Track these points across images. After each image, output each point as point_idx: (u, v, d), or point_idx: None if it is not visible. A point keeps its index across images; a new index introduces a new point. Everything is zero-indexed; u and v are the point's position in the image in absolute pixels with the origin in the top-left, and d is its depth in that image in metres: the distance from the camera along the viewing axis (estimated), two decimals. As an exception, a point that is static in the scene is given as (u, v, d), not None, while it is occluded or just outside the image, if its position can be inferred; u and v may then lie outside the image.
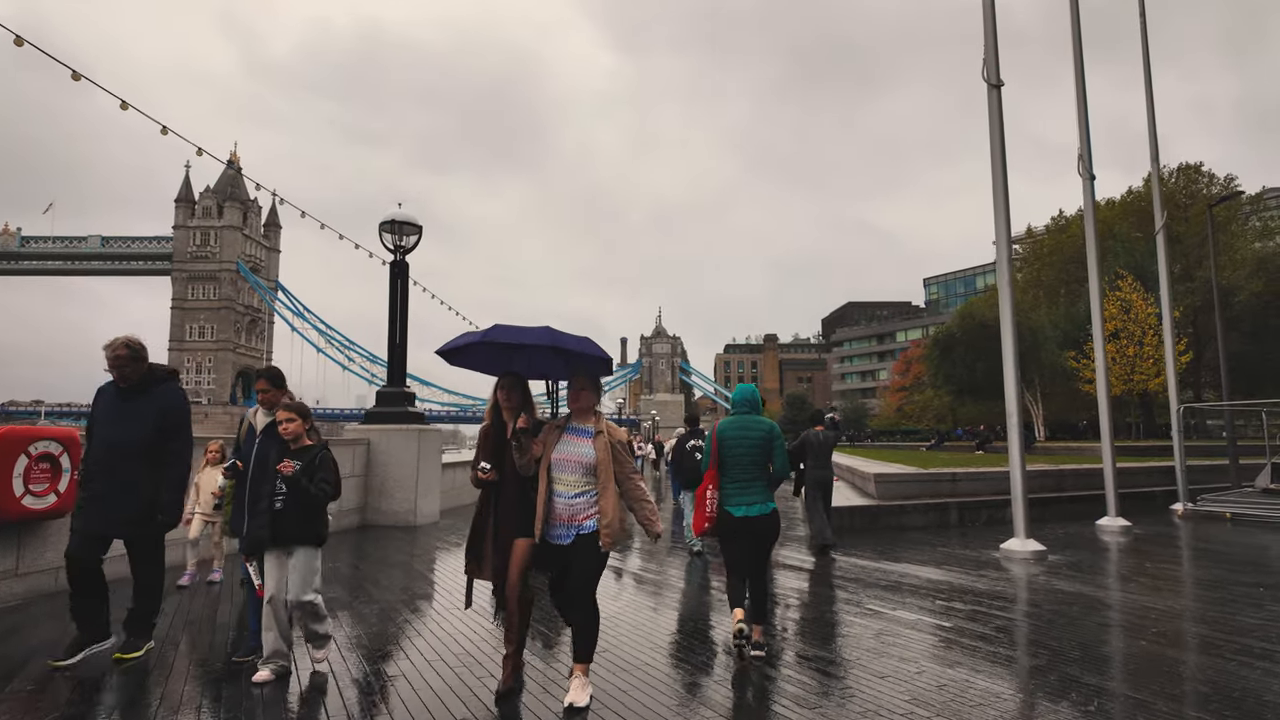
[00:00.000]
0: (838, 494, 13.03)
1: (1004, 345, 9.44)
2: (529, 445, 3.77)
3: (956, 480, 12.76)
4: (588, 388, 3.96)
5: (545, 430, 3.92)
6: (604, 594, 6.02)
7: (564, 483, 3.79)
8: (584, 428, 3.92)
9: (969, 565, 8.00)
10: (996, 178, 9.50)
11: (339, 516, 10.67)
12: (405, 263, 12.54)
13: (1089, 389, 35.02)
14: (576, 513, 3.76)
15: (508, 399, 3.91)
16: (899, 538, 10.29)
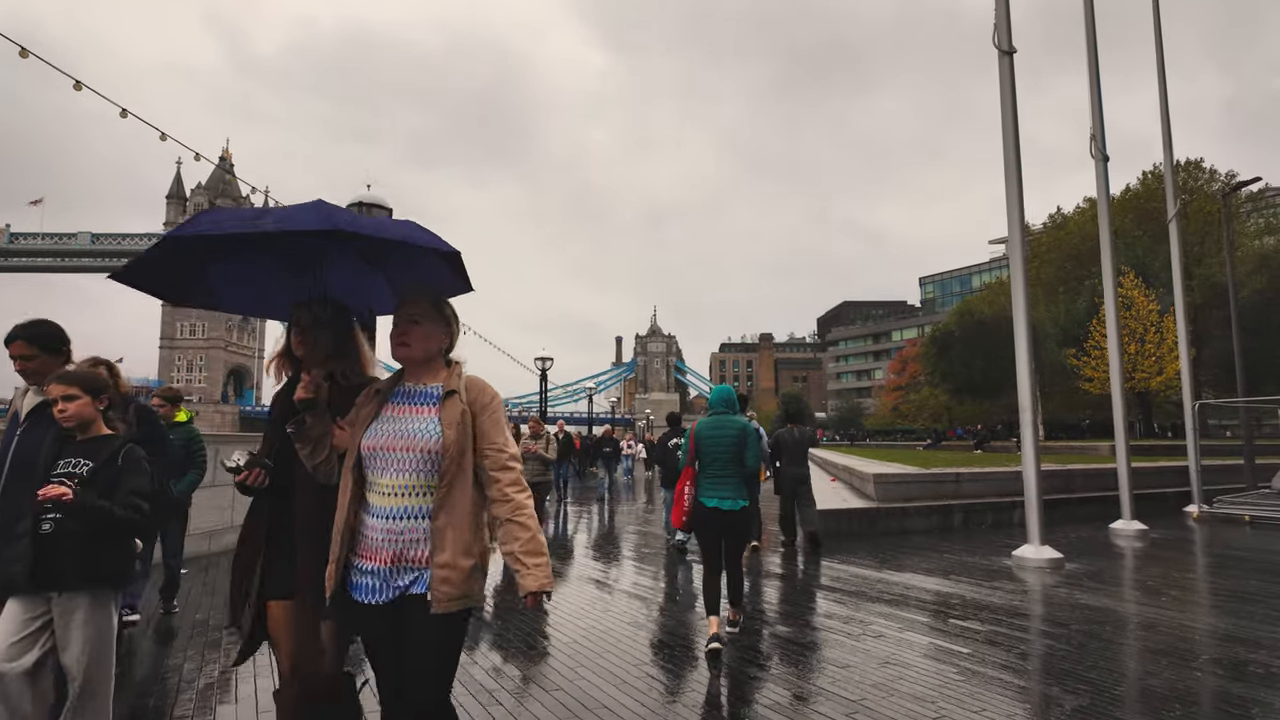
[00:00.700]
0: (835, 495, 12.32)
1: (1017, 334, 8.69)
2: (320, 427, 2.16)
3: (960, 481, 12.02)
4: (428, 316, 2.16)
5: (360, 399, 2.17)
6: (582, 603, 5.39)
7: (382, 490, 2.02)
8: (424, 389, 2.14)
9: (980, 575, 7.24)
10: (1008, 149, 8.75)
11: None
12: (373, 248, 11.74)
13: (1089, 387, 34.40)
14: (405, 547, 1.98)
15: (311, 349, 2.30)
16: (901, 542, 9.54)
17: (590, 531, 11.08)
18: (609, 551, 9.13)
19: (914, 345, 77.41)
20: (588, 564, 8.12)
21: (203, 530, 7.98)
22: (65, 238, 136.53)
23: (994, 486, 12.33)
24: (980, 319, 37.19)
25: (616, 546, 9.56)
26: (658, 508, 13.35)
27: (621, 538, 10.24)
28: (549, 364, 27.67)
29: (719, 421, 5.01)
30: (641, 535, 10.43)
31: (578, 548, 9.28)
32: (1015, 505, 11.74)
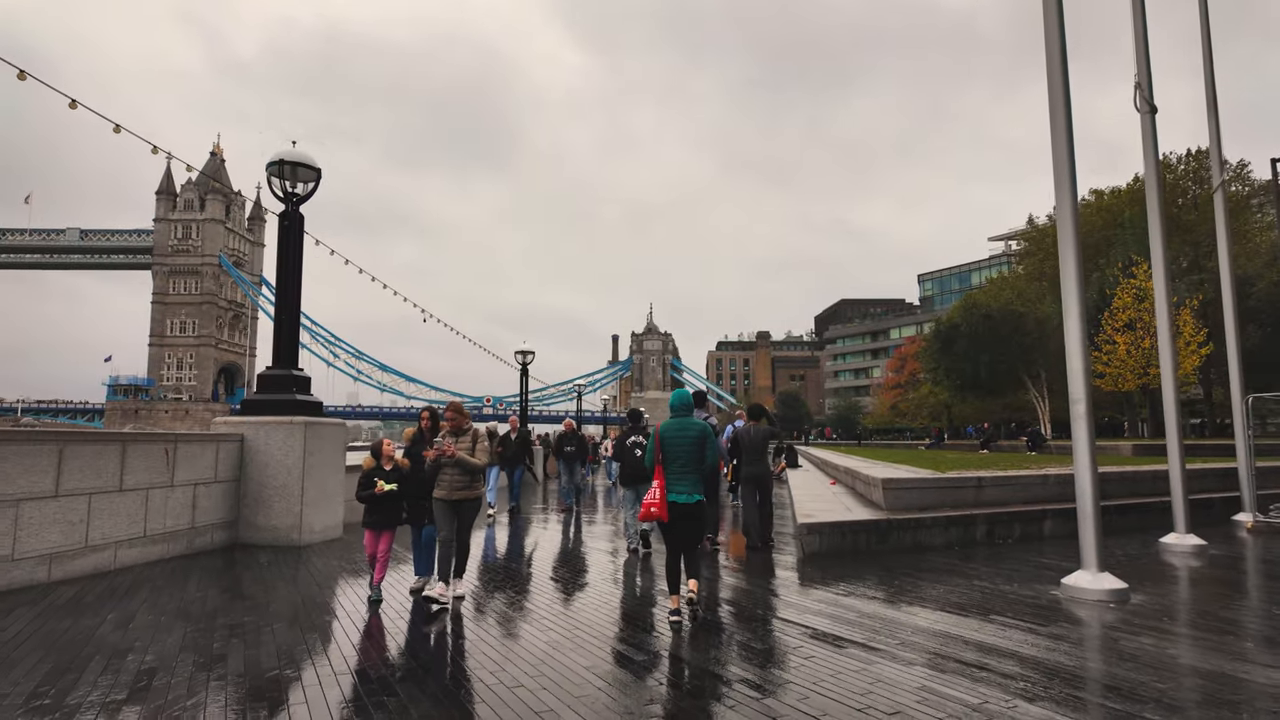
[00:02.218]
0: (835, 501, 10.72)
1: (1066, 313, 7.04)
2: None
3: (981, 486, 10.38)
4: None
5: None
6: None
7: None
8: None
9: (1027, 613, 5.61)
10: (1054, 82, 7.09)
11: (198, 533, 8.22)
12: (299, 214, 10.07)
13: (1100, 384, 32.80)
14: None
15: None
16: (916, 563, 7.91)
17: (535, 555, 8.87)
18: (562, 583, 7.49)
19: (913, 343, 75.87)
20: (535, 604, 6.48)
21: (37, 553, 6.29)
22: (53, 234, 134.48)
23: (1019, 493, 10.70)
24: (986, 312, 35.55)
25: (573, 576, 7.92)
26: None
27: (579, 563, 8.60)
28: (530, 358, 26.04)
29: (681, 423, 5.59)
30: (609, 557, 8.80)
31: (515, 582, 7.70)
32: (1045, 515, 10.17)
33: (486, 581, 6.73)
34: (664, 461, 5.45)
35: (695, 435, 5.47)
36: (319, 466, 9.39)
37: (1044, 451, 25.97)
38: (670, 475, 5.41)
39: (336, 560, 7.93)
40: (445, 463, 5.50)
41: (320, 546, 8.89)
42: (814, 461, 24.86)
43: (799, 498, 11.85)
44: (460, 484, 5.56)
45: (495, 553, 8.72)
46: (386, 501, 5.62)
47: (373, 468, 5.69)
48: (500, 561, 8.15)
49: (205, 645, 4.53)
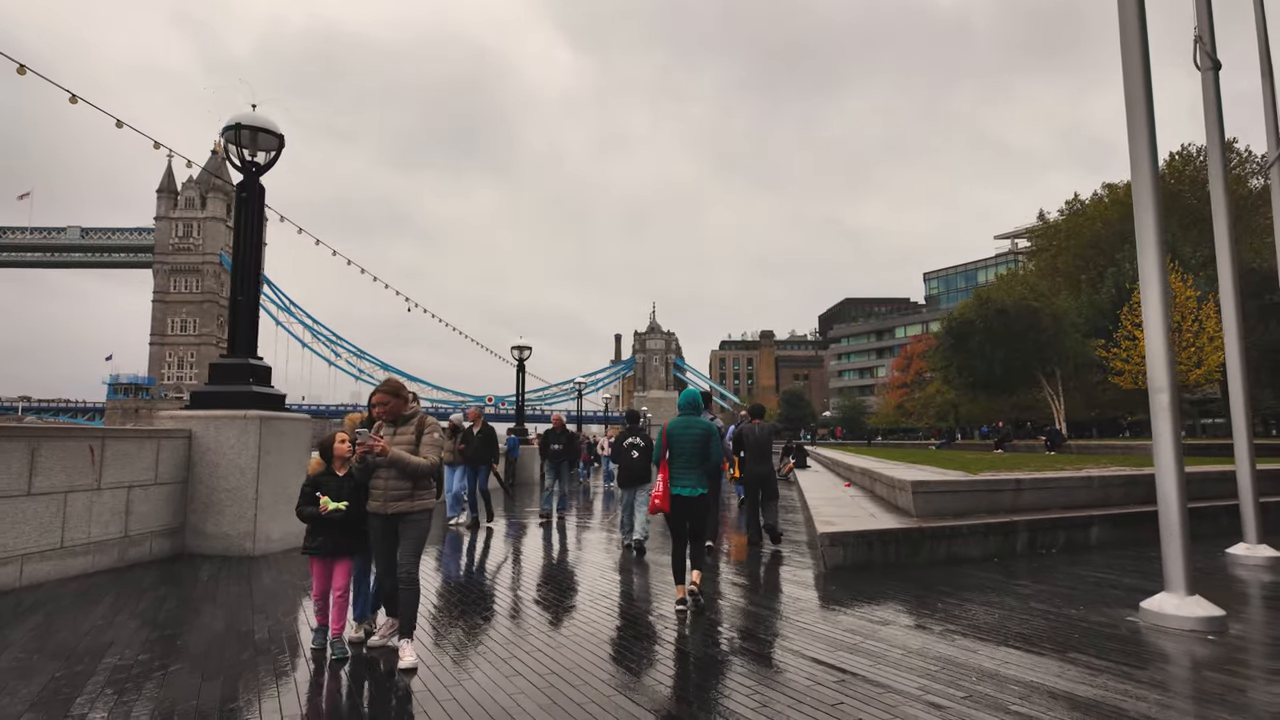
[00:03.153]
0: (855, 506, 9.61)
1: (1144, 272, 5.97)
2: None
3: (1020, 489, 9.30)
4: None
5: None
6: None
7: None
8: None
9: (1112, 650, 4.54)
10: (1127, 18, 6.01)
11: (132, 543, 7.19)
12: (260, 185, 9.04)
13: (1119, 381, 31.64)
14: None
15: None
16: (955, 578, 6.85)
17: (499, 582, 7.06)
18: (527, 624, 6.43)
19: (919, 342, 74.69)
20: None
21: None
22: (53, 232, 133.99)
23: (1060, 497, 9.63)
24: (1001, 307, 34.34)
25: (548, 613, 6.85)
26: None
27: (559, 590, 7.22)
28: (527, 354, 24.96)
29: (687, 422, 5.86)
30: (600, 577, 7.73)
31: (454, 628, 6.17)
32: (1091, 522, 9.09)
33: (442, 624, 5.66)
34: (669, 457, 5.74)
35: (700, 433, 5.79)
36: (277, 466, 8.36)
37: (1063, 451, 24.83)
38: (675, 470, 5.70)
39: (290, 575, 6.88)
40: (378, 464, 4.15)
41: (278, 557, 7.85)
42: (823, 462, 23.78)
43: (814, 501, 10.79)
44: (398, 492, 4.13)
45: (454, 577, 7.16)
46: (337, 523, 4.22)
47: (320, 473, 4.35)
48: (456, 593, 6.66)
49: (59, 704, 3.47)
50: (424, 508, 4.27)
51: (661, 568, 7.48)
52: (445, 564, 7.88)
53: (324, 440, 4.49)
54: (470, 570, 7.68)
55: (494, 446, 11.52)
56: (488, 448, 11.20)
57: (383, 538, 4.24)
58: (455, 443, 10.66)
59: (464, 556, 8.45)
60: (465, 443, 10.82)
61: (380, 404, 4.32)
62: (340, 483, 4.30)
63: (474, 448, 10.88)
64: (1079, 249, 44.77)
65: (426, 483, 4.27)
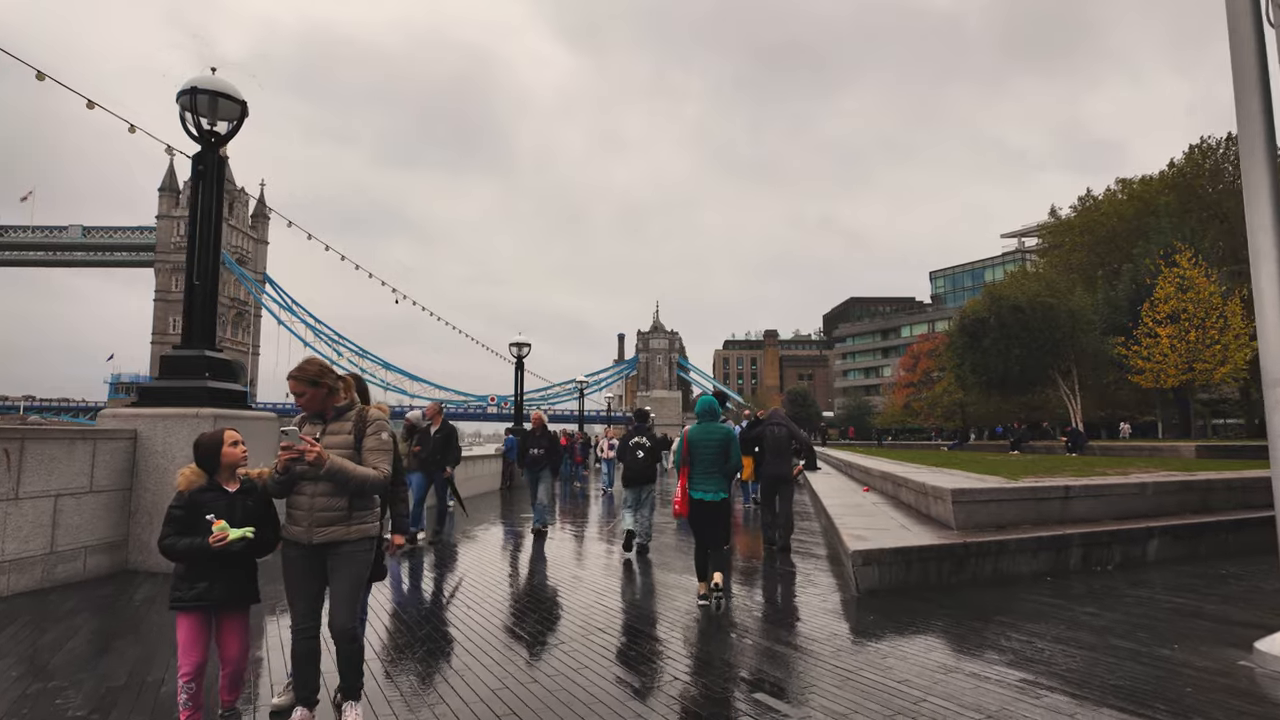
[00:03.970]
0: (883, 517, 8.54)
1: (1256, 244, 4.96)
2: None
3: (1070, 498, 8.30)
4: None
5: None
6: None
7: None
8: None
9: (1235, 711, 3.57)
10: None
11: (61, 559, 6.26)
12: (219, 157, 8.11)
13: (1139, 380, 30.56)
14: None
15: None
16: (1010, 603, 5.89)
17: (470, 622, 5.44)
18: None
19: (926, 340, 73.54)
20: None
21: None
22: (55, 231, 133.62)
23: (1111, 506, 8.62)
24: (1016, 304, 33.24)
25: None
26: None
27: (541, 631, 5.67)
28: (526, 351, 24.03)
29: (707, 428, 6.16)
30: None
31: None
32: (1150, 535, 8.09)
33: (395, 669, 4.59)
34: (691, 462, 5.98)
35: (720, 439, 6.01)
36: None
37: (1085, 453, 23.78)
38: (697, 475, 5.95)
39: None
40: (302, 475, 3.11)
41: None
42: (834, 464, 22.79)
43: (834, 509, 9.82)
44: (330, 513, 3.11)
45: (409, 609, 5.71)
46: (233, 561, 3.08)
47: (198, 488, 3.14)
48: (407, 632, 5.05)
49: None
50: (363, 534, 3.22)
51: (668, 587, 6.53)
52: (396, 594, 6.54)
53: (204, 440, 3.23)
54: (428, 600, 6.37)
55: (453, 449, 9.66)
56: (446, 450, 9.49)
57: (304, 576, 3.18)
58: (411, 445, 9.29)
59: (423, 582, 7.21)
60: (421, 444, 9.38)
61: (297, 395, 3.23)
62: (232, 502, 3.15)
63: (429, 450, 9.29)
64: (1093, 245, 43.65)
65: (367, 502, 3.26)
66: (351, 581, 3.20)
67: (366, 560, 3.29)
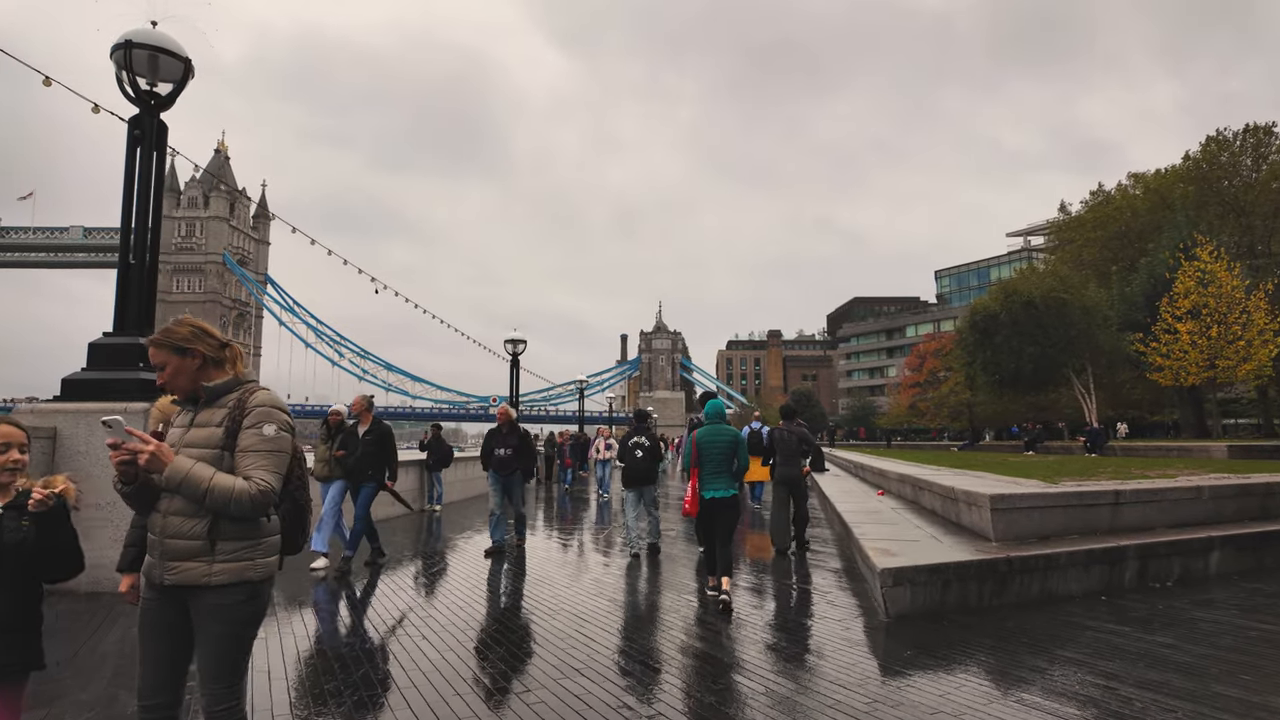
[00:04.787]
0: (908, 526, 7.58)
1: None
2: None
3: (1120, 504, 7.34)
4: None
5: None
6: None
7: None
8: None
9: None
10: None
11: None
12: (160, 123, 7.21)
13: (1158, 377, 29.51)
14: None
15: None
16: (1070, 632, 4.95)
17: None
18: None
19: (933, 340, 72.46)
20: None
21: None
22: (56, 231, 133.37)
23: (1165, 513, 7.66)
24: (1029, 299, 32.18)
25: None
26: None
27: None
28: (522, 348, 23.14)
29: (715, 430, 6.30)
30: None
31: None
32: (1211, 545, 7.13)
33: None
34: (700, 463, 6.16)
35: (728, 440, 6.22)
36: (175, 475, 6.52)
37: (1105, 453, 22.79)
38: (706, 475, 6.13)
39: None
40: (152, 484, 2.23)
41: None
42: (843, 465, 21.82)
43: (851, 517, 8.88)
44: (184, 543, 2.21)
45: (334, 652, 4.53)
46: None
47: None
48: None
49: None
50: (235, 576, 2.24)
51: (664, 612, 5.61)
52: (328, 624, 5.49)
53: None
54: (372, 633, 5.15)
55: (390, 456, 7.87)
56: (381, 457, 7.73)
57: (154, 631, 2.27)
58: (331, 447, 7.64)
59: (371, 609, 5.93)
60: (345, 448, 7.55)
61: (158, 369, 2.34)
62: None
63: (355, 455, 7.53)
64: (1105, 241, 42.51)
65: (243, 528, 2.27)
66: (220, 646, 2.24)
67: (245, 616, 2.30)
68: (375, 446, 7.70)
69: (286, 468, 2.39)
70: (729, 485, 6.12)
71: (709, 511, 6.11)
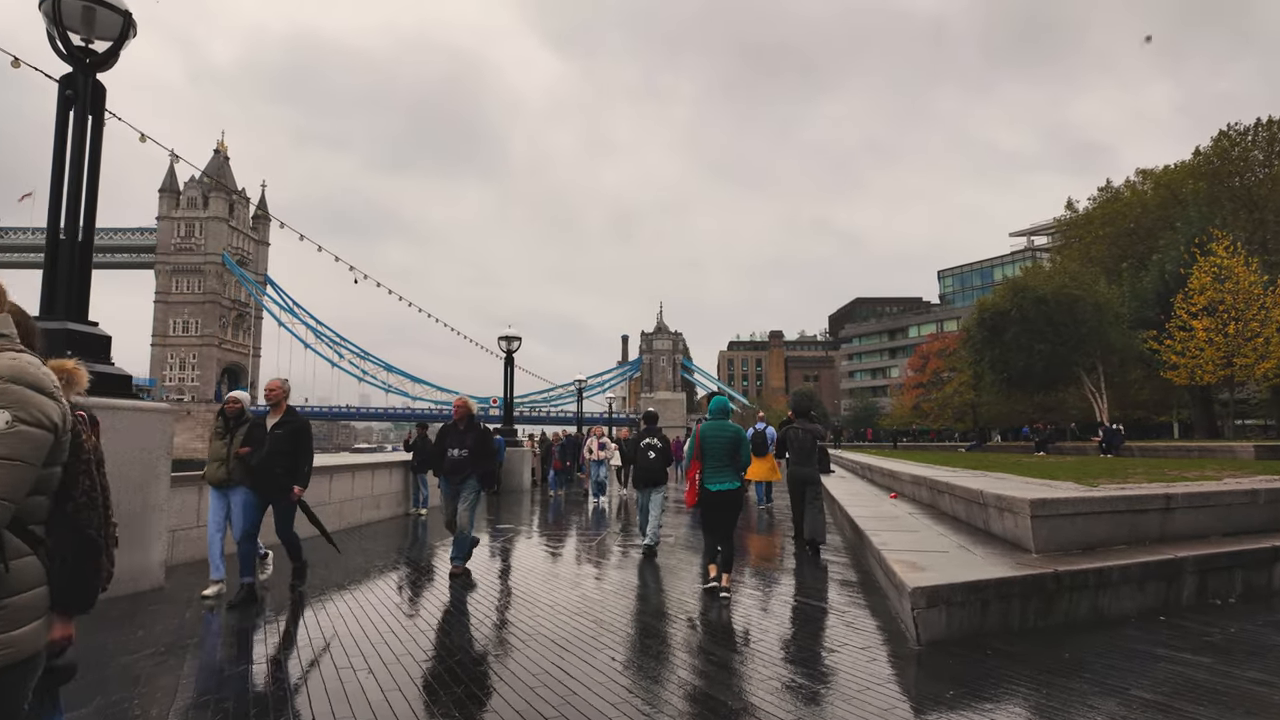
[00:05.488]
0: (932, 536, 6.78)
1: None
2: None
3: (1171, 510, 6.55)
4: None
5: None
6: None
7: None
8: None
9: None
10: None
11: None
12: (97, 84, 6.46)
13: (1173, 376, 28.68)
14: None
15: None
16: (1139, 665, 4.17)
17: None
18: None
19: (935, 340, 71.64)
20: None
21: None
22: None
23: (1219, 519, 6.87)
24: (1040, 296, 31.32)
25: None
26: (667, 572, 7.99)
27: None
28: (516, 345, 22.41)
29: (718, 426, 6.42)
30: None
31: None
32: (1277, 557, 6.36)
33: None
34: (703, 457, 6.33)
35: (731, 436, 6.37)
36: (112, 477, 5.75)
37: (1121, 454, 21.98)
38: (709, 469, 6.31)
39: (111, 638, 4.32)
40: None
41: (102, 607, 5.25)
42: (849, 466, 21.02)
43: (864, 520, 8.10)
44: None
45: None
46: None
47: None
48: None
49: None
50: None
51: (658, 641, 4.83)
52: (232, 665, 4.33)
53: None
54: (288, 676, 4.12)
55: (303, 455, 6.14)
56: (294, 456, 6.06)
57: None
58: (229, 444, 6.10)
59: (300, 641, 4.82)
60: (251, 445, 5.99)
61: None
62: None
63: (264, 454, 5.94)
64: (1114, 237, 41.70)
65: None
66: None
67: (21, 676, 1.57)
68: (286, 443, 6.02)
69: (32, 480, 1.58)
70: (732, 479, 6.25)
71: (711, 504, 6.25)
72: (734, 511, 6.30)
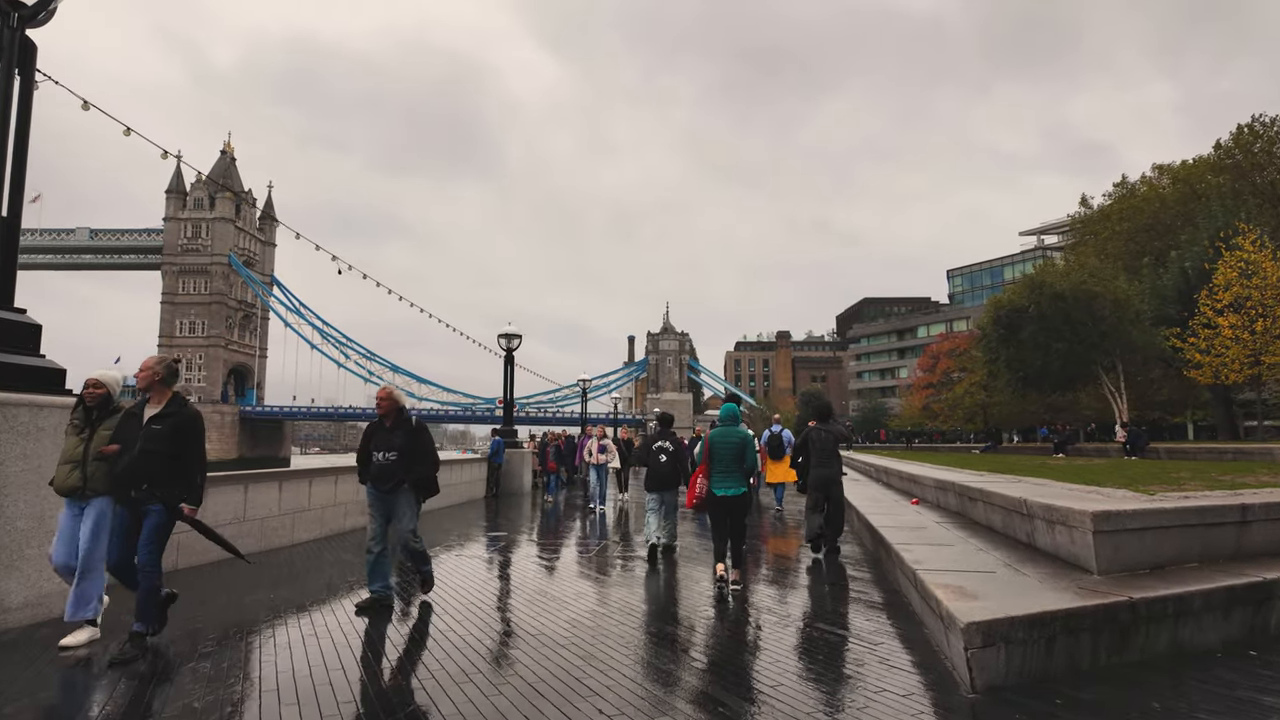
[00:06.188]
0: (972, 554, 6.00)
1: None
2: None
3: (1247, 522, 5.71)
4: None
5: None
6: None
7: None
8: None
9: None
10: None
11: None
12: (25, 39, 5.74)
13: (1196, 375, 27.67)
14: None
15: None
16: (1236, 710, 3.36)
17: None
18: None
19: (945, 340, 70.58)
20: None
21: None
22: (63, 234, 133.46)
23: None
24: (1058, 292, 30.33)
25: None
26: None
27: None
28: (516, 343, 21.64)
29: (727, 432, 6.68)
30: None
31: None
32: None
33: None
34: (711, 461, 6.59)
35: (738, 441, 6.60)
36: (29, 483, 5.04)
37: (1147, 455, 21.05)
38: (717, 473, 6.55)
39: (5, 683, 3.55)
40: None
41: (13, 640, 4.52)
42: (860, 469, 20.18)
43: (888, 531, 7.30)
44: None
45: None
46: None
47: None
48: None
49: None
50: None
51: (654, 672, 4.05)
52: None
53: None
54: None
55: (191, 456, 4.65)
56: (178, 457, 4.59)
57: None
58: (87, 441, 4.64)
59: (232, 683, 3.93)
60: (121, 442, 4.54)
61: None
62: None
63: (132, 453, 4.48)
64: (1132, 233, 40.63)
65: None
66: None
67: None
68: (167, 442, 4.51)
69: None
70: (739, 484, 6.51)
71: (722, 508, 6.49)
72: (742, 514, 6.58)
